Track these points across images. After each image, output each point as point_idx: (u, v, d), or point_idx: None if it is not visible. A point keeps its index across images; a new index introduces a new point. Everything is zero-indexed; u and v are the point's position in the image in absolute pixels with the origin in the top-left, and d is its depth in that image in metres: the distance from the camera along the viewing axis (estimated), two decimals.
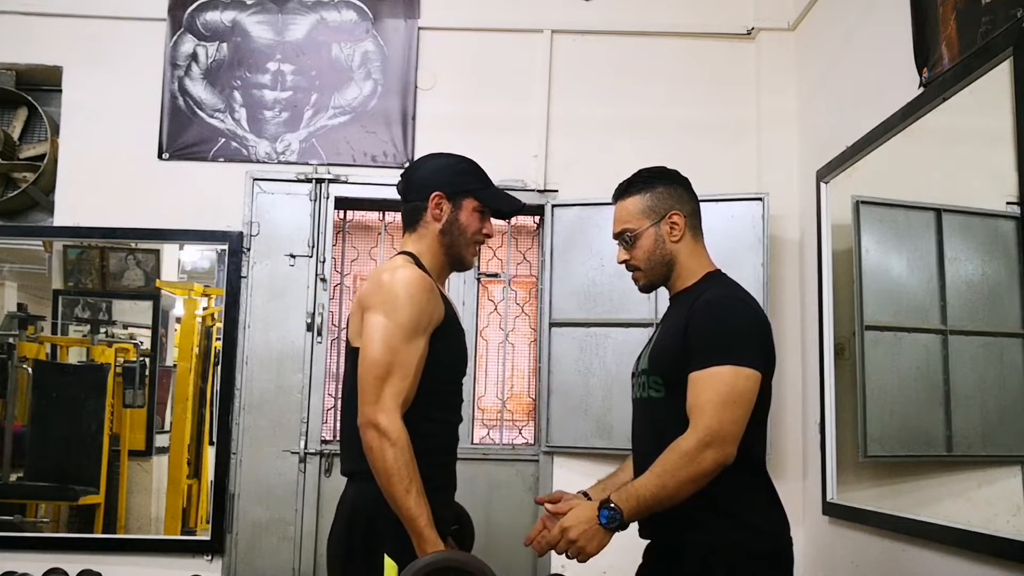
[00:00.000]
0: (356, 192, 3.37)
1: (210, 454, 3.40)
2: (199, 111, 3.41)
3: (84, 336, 3.62)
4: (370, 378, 1.77)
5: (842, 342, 2.84)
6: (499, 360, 3.46)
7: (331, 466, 3.23)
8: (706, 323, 1.78)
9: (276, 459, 3.23)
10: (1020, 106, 1.87)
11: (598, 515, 1.70)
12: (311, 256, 3.32)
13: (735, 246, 3.07)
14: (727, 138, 3.41)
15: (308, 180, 3.36)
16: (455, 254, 1.98)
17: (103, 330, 3.62)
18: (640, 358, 1.96)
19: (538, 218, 3.46)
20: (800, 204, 3.23)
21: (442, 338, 1.87)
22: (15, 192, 3.36)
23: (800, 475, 3.11)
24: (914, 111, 2.36)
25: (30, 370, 3.48)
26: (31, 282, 3.64)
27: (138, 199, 3.35)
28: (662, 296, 2.00)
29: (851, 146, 2.73)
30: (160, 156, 3.39)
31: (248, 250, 3.31)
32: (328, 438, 3.30)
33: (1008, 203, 1.95)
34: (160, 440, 3.61)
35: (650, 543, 1.89)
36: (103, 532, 3.40)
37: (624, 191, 1.95)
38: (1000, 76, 1.96)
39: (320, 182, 3.37)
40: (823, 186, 2.96)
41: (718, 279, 1.91)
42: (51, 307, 3.58)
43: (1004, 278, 2.04)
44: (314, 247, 3.33)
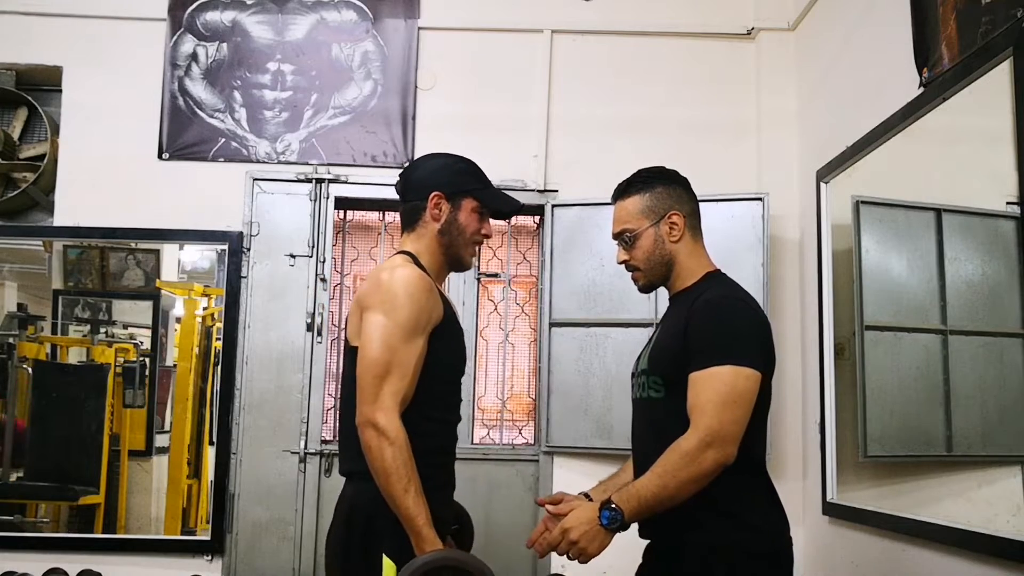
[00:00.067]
0: (356, 192, 3.37)
1: (210, 454, 3.40)
2: (199, 111, 3.41)
3: (84, 336, 3.61)
4: (369, 377, 1.77)
5: (842, 342, 2.84)
6: (499, 360, 3.46)
7: (331, 466, 3.23)
8: (706, 323, 1.78)
9: (276, 459, 3.23)
10: (1020, 106, 1.87)
11: (599, 516, 1.70)
12: (311, 256, 3.32)
13: (735, 246, 3.06)
14: (727, 138, 3.41)
15: (308, 180, 3.36)
16: (454, 254, 1.98)
17: (103, 330, 3.62)
18: (640, 358, 1.96)
19: (538, 218, 3.46)
20: (800, 204, 3.23)
21: (441, 337, 1.87)
22: (15, 192, 3.36)
23: (800, 475, 3.11)
24: (914, 111, 2.36)
25: (30, 370, 3.48)
26: (31, 282, 3.64)
27: (138, 199, 3.35)
28: (662, 296, 2.00)
29: (851, 146, 2.73)
30: (160, 156, 3.39)
31: (248, 250, 3.32)
32: (328, 438, 3.29)
33: (1008, 203, 1.94)
34: (160, 440, 3.61)
35: (650, 543, 1.89)
36: (103, 532, 3.40)
37: (623, 191, 1.95)
38: (1000, 76, 1.96)
39: (320, 182, 3.37)
40: (823, 186, 2.96)
41: (718, 279, 1.90)
42: (51, 307, 3.58)
43: (1004, 278, 2.04)
44: (314, 247, 3.33)
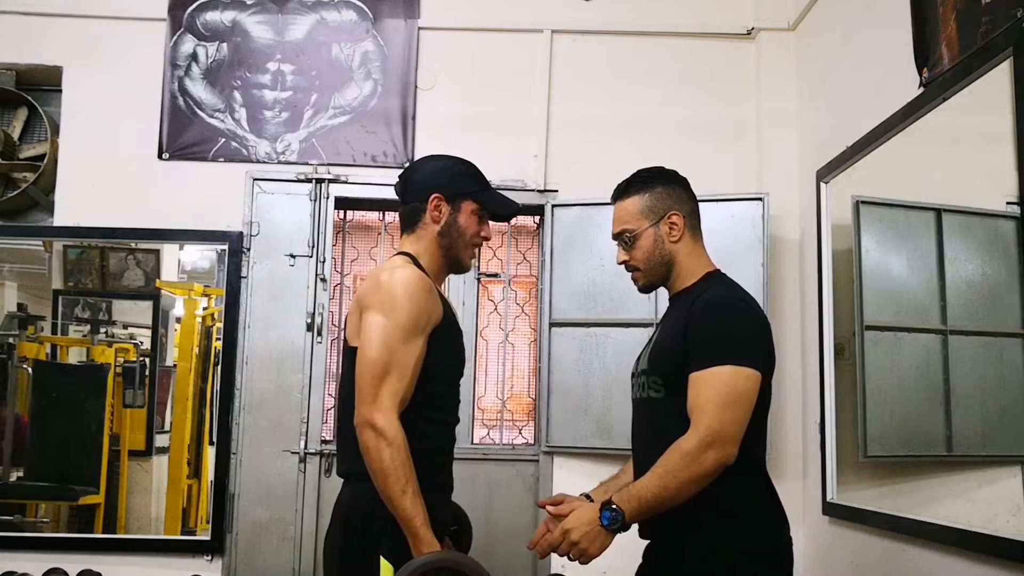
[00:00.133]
0: (356, 192, 3.37)
1: (210, 454, 3.40)
2: (199, 111, 3.41)
3: (84, 336, 3.61)
4: (368, 378, 1.77)
5: (842, 342, 2.83)
6: (499, 360, 3.46)
7: (331, 466, 3.23)
8: (706, 323, 1.77)
9: (276, 459, 3.23)
10: (1020, 106, 1.87)
11: (600, 517, 1.70)
12: (311, 256, 3.32)
13: (735, 246, 3.06)
14: (727, 138, 3.41)
15: (308, 180, 3.36)
16: (453, 256, 1.98)
17: (103, 330, 3.62)
18: (640, 358, 1.95)
19: (538, 218, 3.46)
20: (800, 204, 3.23)
21: (440, 338, 1.87)
22: (15, 192, 3.36)
23: (800, 475, 3.11)
24: (914, 111, 2.36)
25: (30, 370, 3.48)
26: (31, 282, 3.64)
27: (138, 199, 3.35)
28: (662, 296, 1.99)
29: (851, 146, 2.73)
30: (160, 156, 3.39)
31: (248, 250, 3.31)
32: (328, 438, 3.29)
33: (1008, 203, 1.94)
34: (160, 440, 3.61)
35: (650, 543, 1.89)
36: (103, 532, 3.40)
37: (623, 191, 1.95)
38: (1000, 76, 1.96)
39: (320, 182, 3.37)
40: (823, 186, 2.96)
41: (718, 279, 1.90)
42: (51, 307, 3.58)
43: (1004, 278, 2.04)
44: (314, 247, 3.33)
